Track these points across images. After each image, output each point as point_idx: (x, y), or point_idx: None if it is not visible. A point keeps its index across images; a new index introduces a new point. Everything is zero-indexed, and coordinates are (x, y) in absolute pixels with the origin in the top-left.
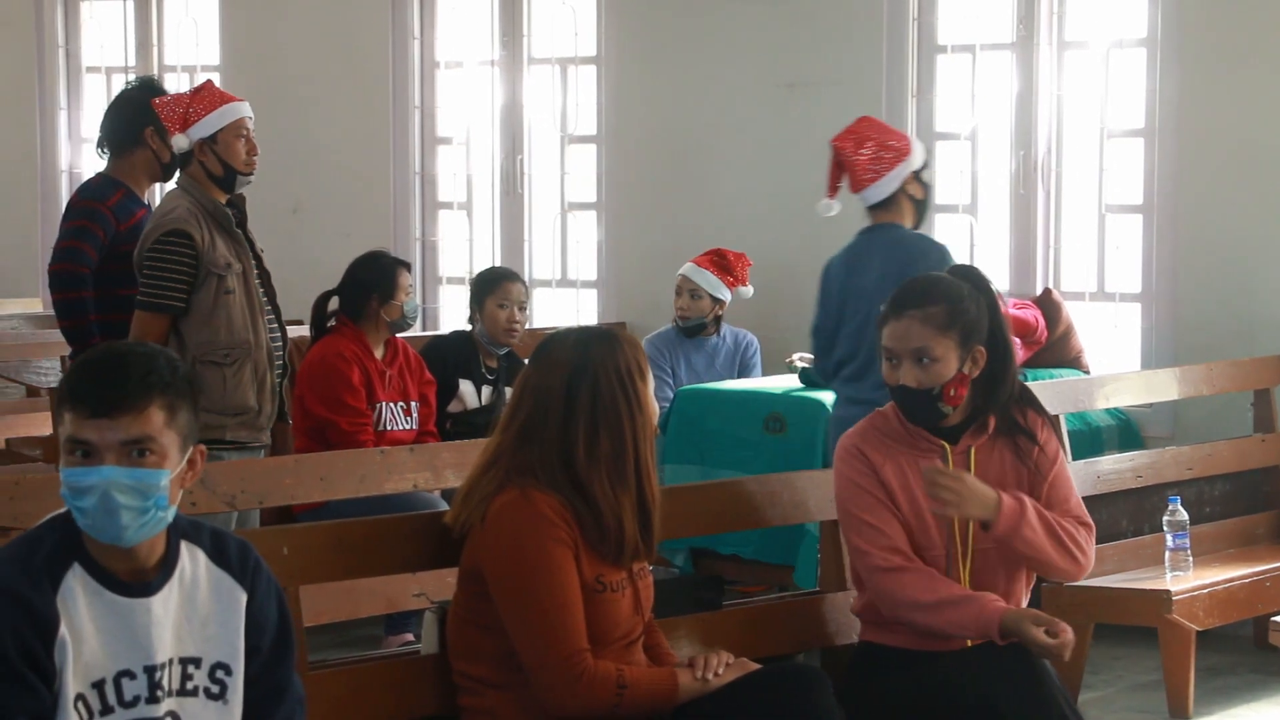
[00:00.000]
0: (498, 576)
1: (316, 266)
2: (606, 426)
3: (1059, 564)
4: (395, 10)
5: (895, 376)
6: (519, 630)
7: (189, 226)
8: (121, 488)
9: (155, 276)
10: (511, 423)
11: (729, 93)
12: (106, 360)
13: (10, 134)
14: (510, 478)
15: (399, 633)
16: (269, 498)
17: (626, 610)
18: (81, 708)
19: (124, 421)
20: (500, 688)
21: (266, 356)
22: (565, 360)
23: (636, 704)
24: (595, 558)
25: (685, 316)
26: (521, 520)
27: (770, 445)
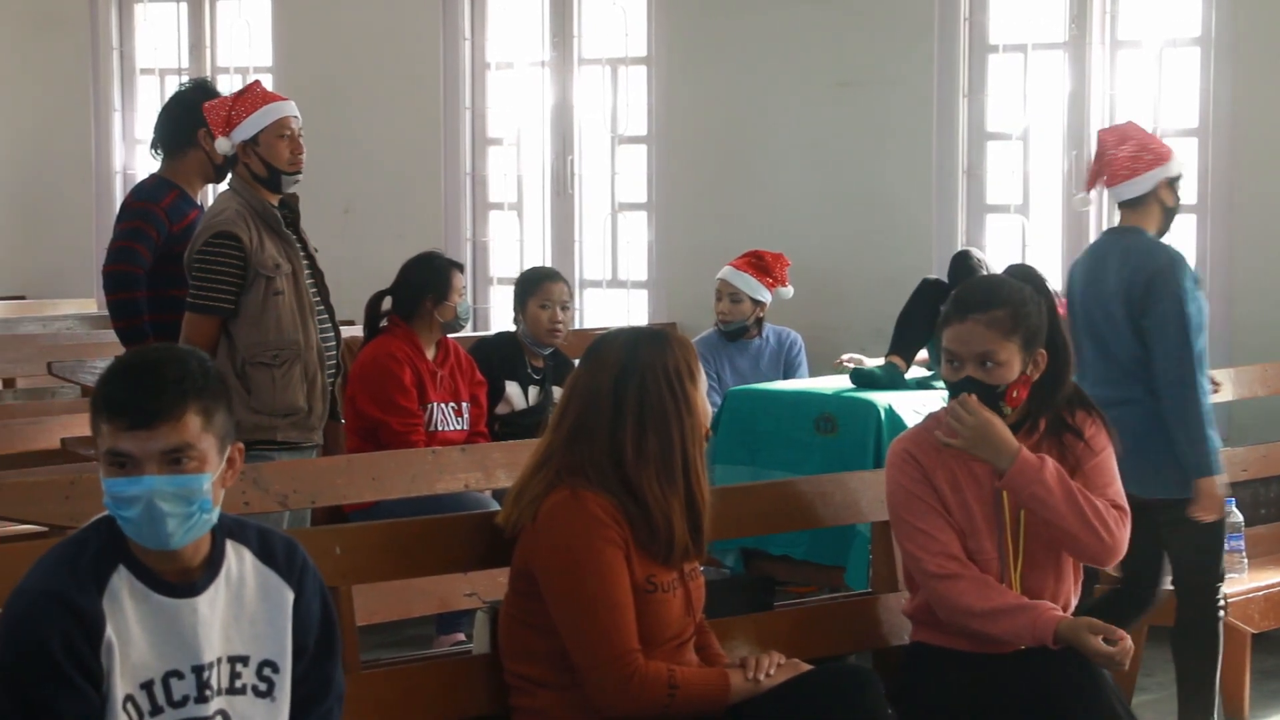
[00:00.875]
0: (549, 576)
1: (367, 267)
2: (654, 427)
3: (1081, 537)
4: (446, 11)
5: (957, 375)
6: (570, 630)
7: (236, 228)
8: (165, 496)
9: (204, 278)
10: (561, 423)
11: (780, 92)
12: (139, 369)
13: (65, 135)
14: (561, 477)
15: (450, 632)
16: (321, 497)
17: (678, 611)
18: (131, 709)
19: (162, 431)
20: (552, 688)
21: (317, 357)
22: (614, 361)
23: (688, 704)
24: (646, 558)
25: (726, 320)
26: (572, 520)
27: (821, 445)
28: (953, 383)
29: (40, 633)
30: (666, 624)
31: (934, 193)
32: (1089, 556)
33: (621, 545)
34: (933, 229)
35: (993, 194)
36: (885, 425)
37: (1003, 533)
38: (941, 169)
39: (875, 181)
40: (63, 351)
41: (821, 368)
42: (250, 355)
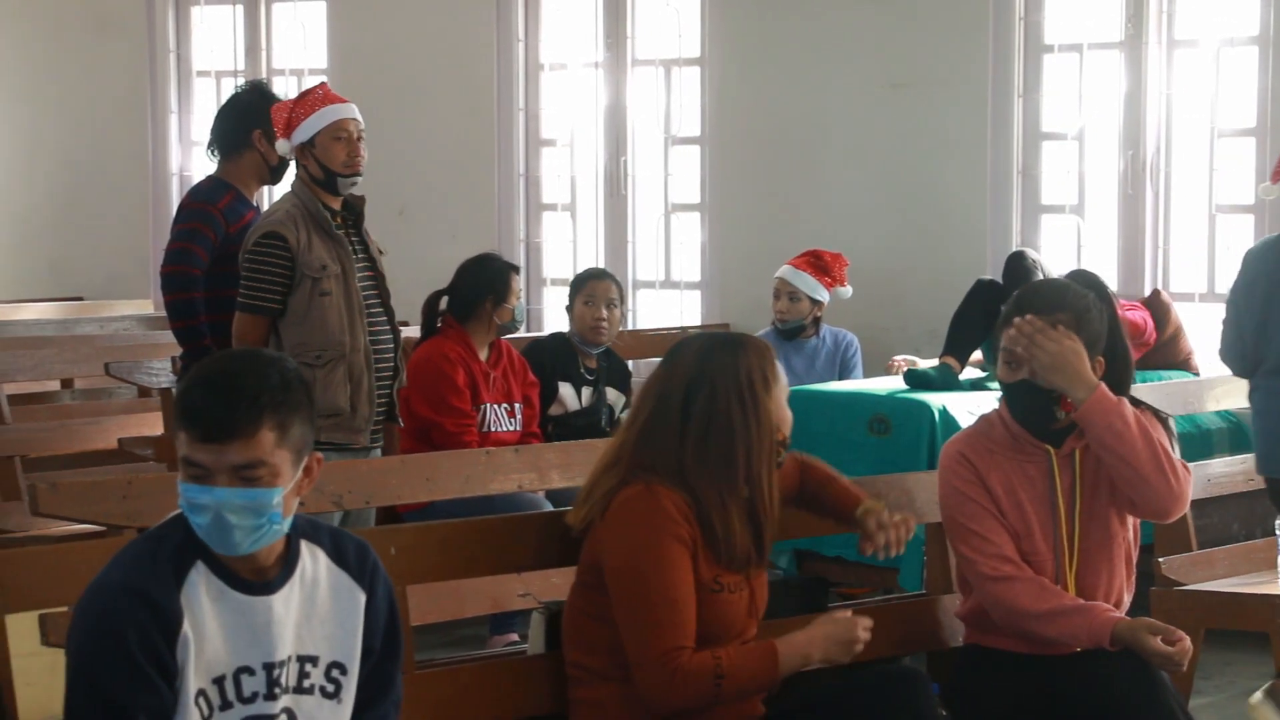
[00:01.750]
0: (613, 567)
1: (421, 268)
2: (718, 435)
3: (1153, 479)
4: (500, 13)
5: (1013, 376)
6: (626, 623)
7: (284, 229)
8: (234, 508)
9: (252, 279)
10: (634, 423)
11: (833, 93)
12: (218, 380)
13: (122, 137)
14: (634, 473)
15: (504, 633)
16: (375, 497)
17: (741, 611)
18: (202, 703)
19: (235, 447)
20: (611, 680)
21: (364, 359)
22: (688, 366)
23: (738, 689)
24: (713, 557)
25: (784, 319)
26: (643, 513)
27: (875, 447)
28: (1008, 384)
29: (118, 626)
30: (729, 623)
31: (988, 193)
32: (1156, 504)
33: (689, 544)
34: (987, 230)
35: (1048, 194)
36: (939, 426)
37: (1057, 532)
38: (996, 169)
39: (929, 182)
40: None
41: (875, 369)
42: (294, 355)
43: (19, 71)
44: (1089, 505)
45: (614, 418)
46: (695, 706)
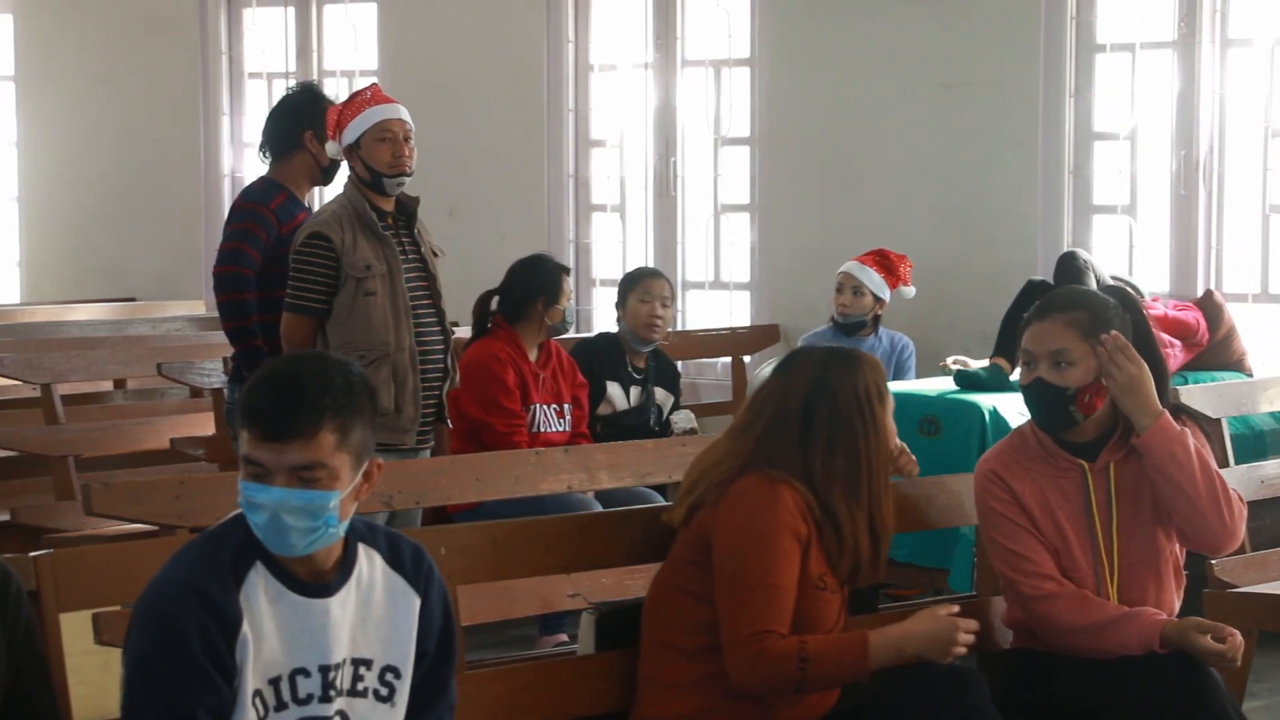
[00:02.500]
0: (723, 544)
1: (471, 268)
2: (843, 447)
3: (1209, 513)
4: (550, 14)
5: (1028, 377)
6: (724, 601)
7: (328, 229)
8: (290, 509)
9: (298, 279)
10: (748, 430)
11: (883, 94)
12: (281, 381)
13: (174, 138)
14: (754, 466)
15: (553, 633)
16: (425, 498)
17: (836, 609)
18: (258, 703)
19: (294, 447)
20: (696, 660)
21: (409, 359)
22: (806, 378)
23: (824, 675)
24: (824, 558)
25: (846, 313)
26: (761, 501)
27: (925, 448)
28: (1024, 386)
29: (179, 624)
30: (824, 620)
31: (1039, 194)
32: (1207, 537)
33: (801, 541)
34: (1038, 230)
35: (1099, 194)
36: (990, 427)
37: (1096, 548)
38: (1047, 169)
39: (980, 183)
40: (172, 353)
41: (926, 369)
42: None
43: (73, 74)
44: (1129, 521)
45: (662, 417)
46: (779, 689)
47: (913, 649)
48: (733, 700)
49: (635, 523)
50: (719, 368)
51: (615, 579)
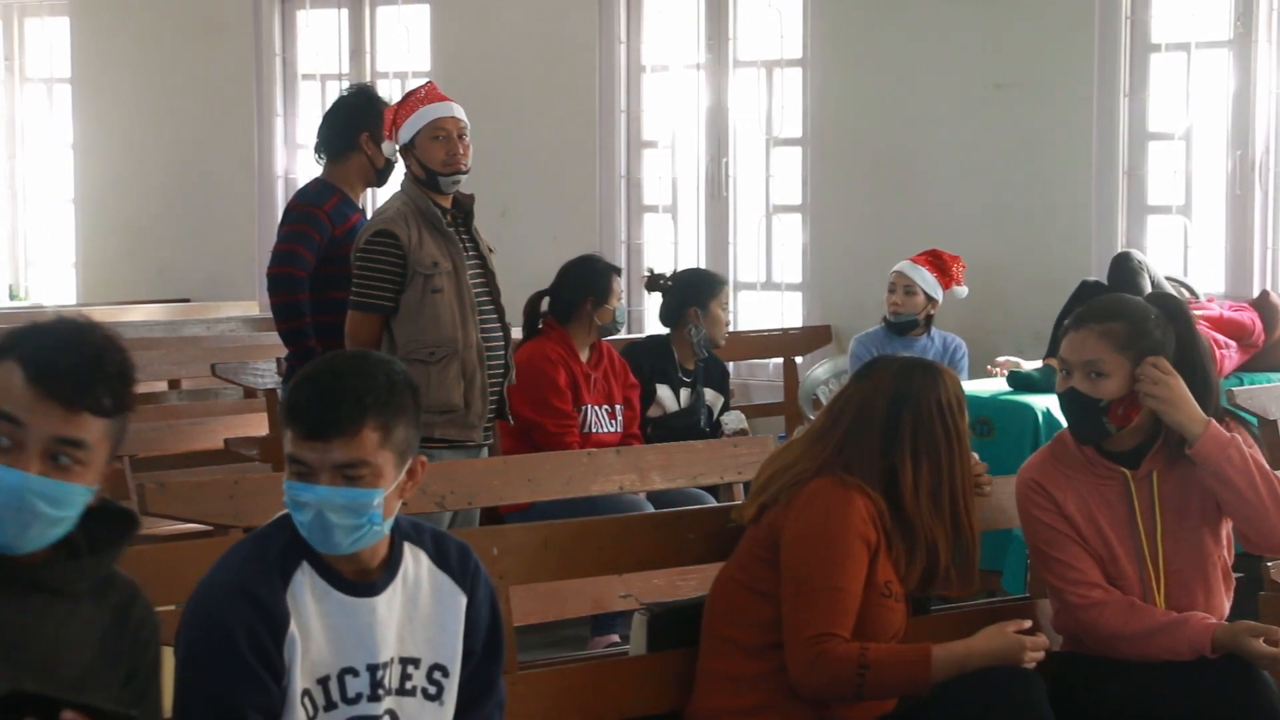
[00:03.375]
0: (791, 545)
1: (523, 268)
2: (928, 456)
3: (1270, 514)
4: (602, 15)
5: (1063, 385)
6: (788, 601)
7: (395, 226)
8: (335, 507)
9: (364, 276)
10: (827, 433)
11: (936, 94)
12: (324, 380)
13: (228, 140)
14: (829, 469)
15: (605, 634)
16: (477, 498)
17: (901, 618)
18: (307, 703)
19: (337, 445)
20: (755, 657)
21: (476, 355)
22: (889, 386)
23: (883, 684)
24: (891, 566)
25: (898, 312)
26: (833, 503)
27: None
28: (1059, 394)
29: (228, 624)
30: (888, 627)
31: (1093, 194)
32: (1271, 537)
33: (870, 546)
34: (1092, 231)
35: (1154, 195)
36: (1042, 428)
37: (1141, 555)
38: (1101, 170)
39: (1033, 183)
40: (226, 353)
41: (979, 370)
42: (407, 352)
43: (128, 76)
44: (1175, 527)
45: (713, 418)
46: (838, 693)
47: (976, 666)
48: (792, 698)
49: (687, 523)
50: (770, 369)
51: (667, 579)
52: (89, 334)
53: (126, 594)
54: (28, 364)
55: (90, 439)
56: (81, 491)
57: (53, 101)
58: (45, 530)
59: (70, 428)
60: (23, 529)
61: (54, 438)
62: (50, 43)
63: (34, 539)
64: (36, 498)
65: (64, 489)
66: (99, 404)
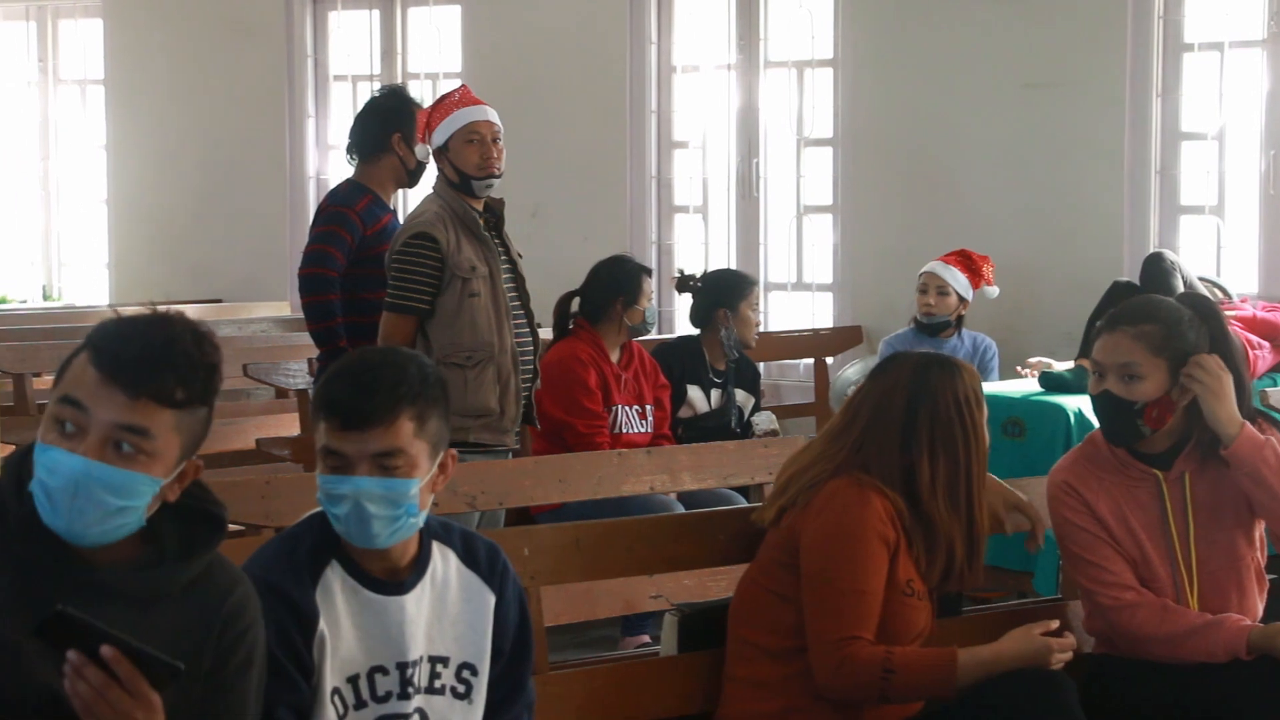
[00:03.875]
0: (810, 549)
1: (554, 269)
2: (945, 451)
3: None
4: (633, 16)
5: (1097, 388)
6: (810, 604)
7: (434, 229)
8: (372, 497)
9: (401, 278)
10: (845, 433)
11: (967, 94)
12: (357, 371)
13: (260, 141)
14: (846, 470)
15: (635, 634)
16: (508, 498)
17: (924, 617)
18: (337, 701)
19: (374, 434)
20: (780, 660)
21: (511, 360)
22: (906, 382)
23: (908, 687)
24: (912, 564)
25: (931, 313)
26: (850, 505)
27: (1009, 449)
28: (1093, 396)
29: None
30: (911, 626)
31: (1126, 194)
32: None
33: (890, 546)
34: (1124, 231)
35: (1187, 195)
36: (1074, 429)
37: (1174, 557)
38: (1134, 170)
39: (1065, 183)
40: (258, 354)
41: (1011, 371)
42: (444, 356)
43: (161, 78)
44: (1208, 529)
45: (743, 419)
46: (863, 697)
47: (1003, 669)
48: (818, 700)
49: (718, 524)
50: (801, 369)
51: (698, 580)
52: (164, 325)
53: (221, 588)
54: (96, 352)
55: (154, 428)
56: (145, 481)
57: (86, 103)
58: (107, 519)
59: (133, 415)
60: (80, 515)
61: (116, 424)
62: (84, 44)
63: (96, 527)
64: (96, 484)
65: (125, 477)
66: (163, 392)
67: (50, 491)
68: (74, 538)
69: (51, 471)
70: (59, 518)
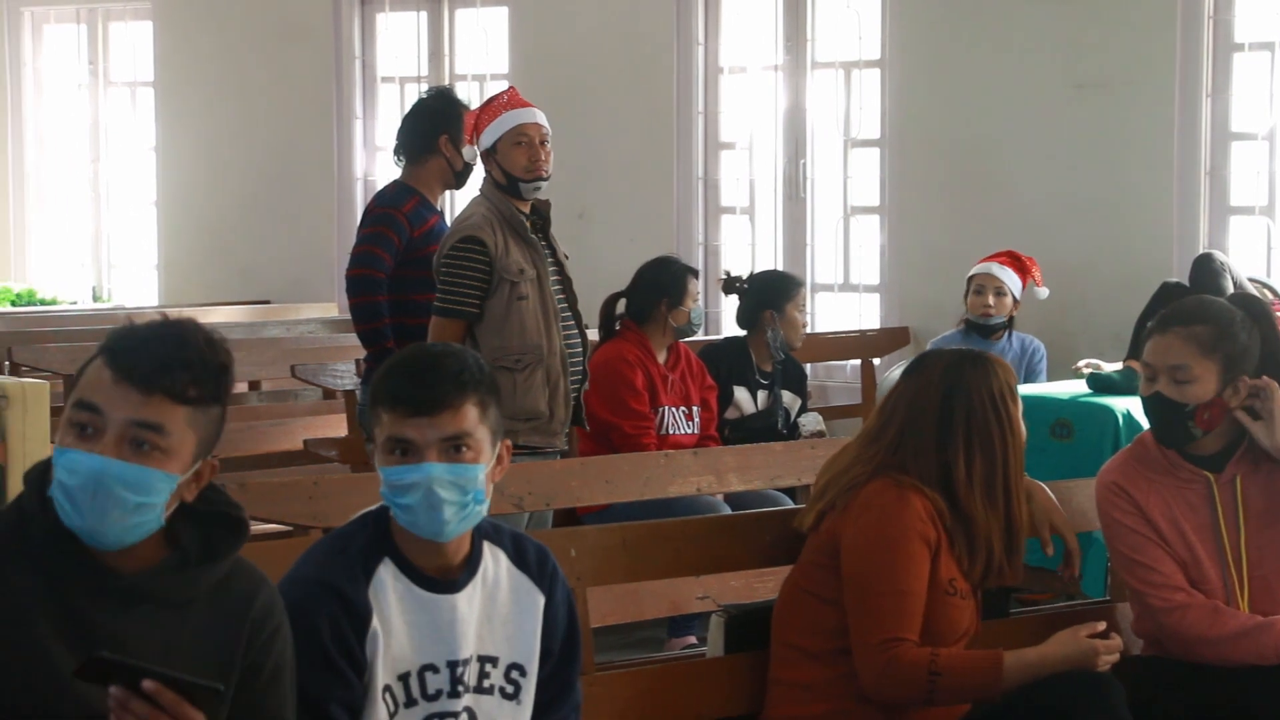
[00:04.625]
0: (852, 551)
1: (601, 270)
2: (981, 448)
3: None
4: (680, 17)
5: (1148, 390)
6: (853, 607)
7: (483, 233)
8: (443, 483)
9: (450, 282)
10: (881, 434)
11: (1016, 94)
12: (421, 361)
13: (308, 143)
14: (883, 471)
15: (682, 635)
16: (555, 499)
17: (969, 616)
18: (388, 698)
19: (443, 419)
20: (824, 663)
21: (560, 362)
22: (939, 380)
23: (954, 689)
24: (954, 563)
25: (988, 314)
26: (889, 506)
27: (1057, 452)
28: (1144, 398)
29: (311, 619)
30: (956, 626)
31: (1175, 195)
32: None
33: (931, 545)
34: (1174, 231)
35: (1237, 195)
36: (1123, 431)
37: (1224, 559)
38: (1183, 170)
39: (1114, 184)
40: (305, 355)
41: (1059, 372)
42: (493, 359)
43: (210, 80)
44: (1259, 532)
45: (790, 420)
46: (908, 699)
47: (1049, 671)
48: (863, 703)
49: (765, 525)
50: (848, 370)
51: (744, 581)
52: (177, 327)
53: (246, 591)
54: (109, 355)
55: (168, 424)
56: (162, 478)
57: (136, 105)
58: (127, 518)
59: (146, 411)
60: (103, 514)
61: (131, 421)
62: (134, 47)
63: (116, 525)
64: (115, 481)
65: (142, 473)
66: (176, 389)
67: (70, 492)
68: (96, 538)
69: (71, 472)
70: (80, 517)
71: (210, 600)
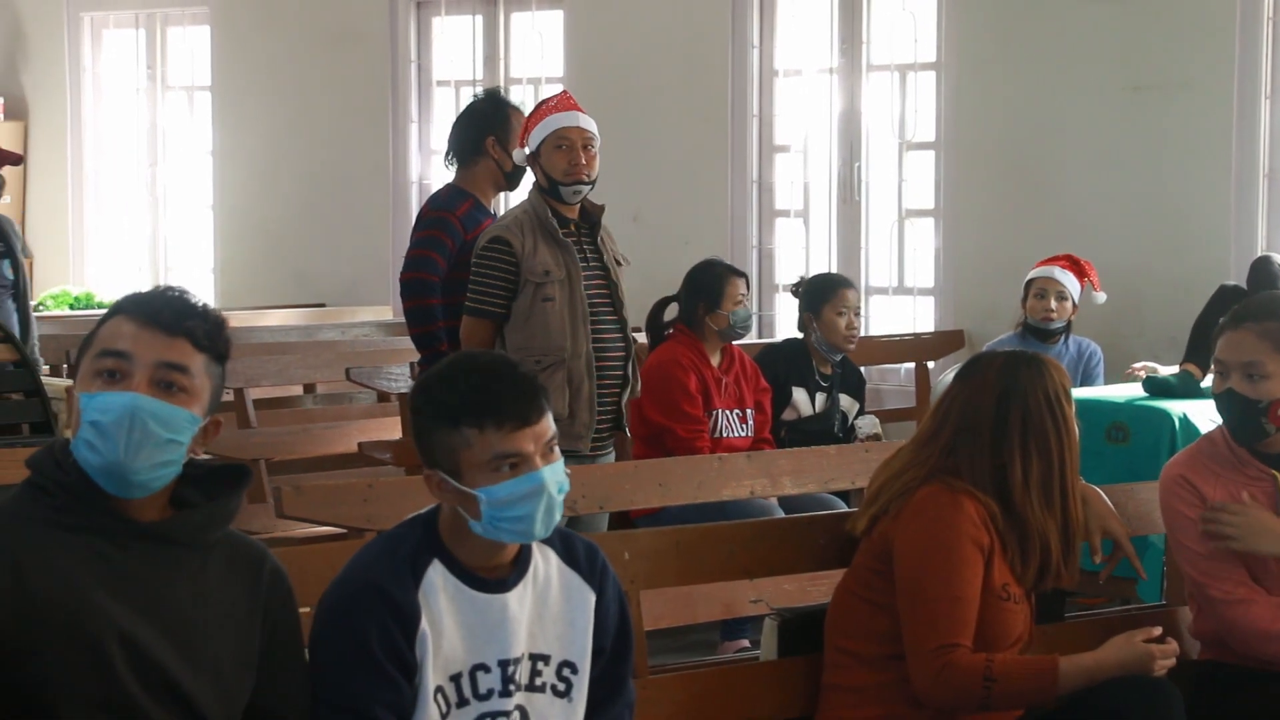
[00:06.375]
0: (904, 557)
1: (655, 273)
2: (1037, 450)
3: None
4: (735, 20)
5: (1220, 386)
6: (907, 612)
7: (509, 234)
8: (557, 483)
9: (478, 283)
10: (935, 438)
11: (1072, 97)
12: (500, 375)
13: (364, 146)
14: (936, 476)
15: (735, 639)
16: (609, 502)
17: (1022, 621)
18: (440, 700)
19: (543, 425)
20: (877, 668)
21: (584, 365)
22: (994, 382)
23: (1009, 695)
24: (1008, 568)
25: (1050, 319)
26: (942, 511)
27: (1113, 455)
28: (1216, 395)
29: (360, 623)
30: (1009, 631)
31: (1233, 197)
32: None
33: (984, 550)
34: (1231, 234)
35: None
36: (1179, 434)
37: None
38: (1241, 173)
39: (1171, 186)
40: (360, 358)
41: (1114, 375)
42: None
43: (266, 84)
44: None
45: (847, 424)
46: (964, 706)
47: (1105, 677)
48: (916, 708)
49: (818, 529)
50: (903, 374)
51: (798, 585)
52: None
53: (255, 553)
54: (130, 306)
55: (192, 366)
56: (188, 417)
57: (193, 109)
58: (157, 454)
59: (173, 352)
60: (137, 449)
61: (158, 362)
62: (191, 51)
63: (146, 465)
64: (147, 415)
65: (171, 410)
66: (196, 334)
67: (104, 429)
68: (125, 476)
69: (104, 410)
70: (115, 451)
71: (225, 555)
